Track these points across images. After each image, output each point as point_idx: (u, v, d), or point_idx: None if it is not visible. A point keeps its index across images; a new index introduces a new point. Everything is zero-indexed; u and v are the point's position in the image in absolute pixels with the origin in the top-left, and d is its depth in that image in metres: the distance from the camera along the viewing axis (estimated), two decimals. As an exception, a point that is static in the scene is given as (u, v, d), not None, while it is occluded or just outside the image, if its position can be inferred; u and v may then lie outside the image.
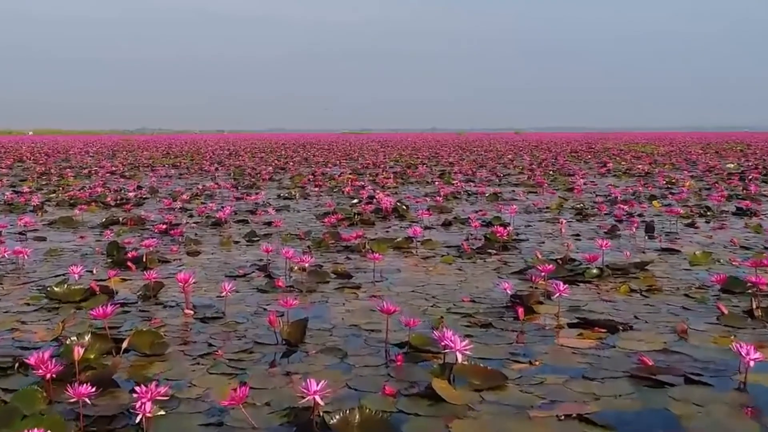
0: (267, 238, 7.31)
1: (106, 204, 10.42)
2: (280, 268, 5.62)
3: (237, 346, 3.66)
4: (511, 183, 14.62)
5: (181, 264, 5.96)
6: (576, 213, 9.20)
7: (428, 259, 6.18)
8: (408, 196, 11.38)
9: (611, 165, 19.91)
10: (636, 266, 5.56)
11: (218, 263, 5.98)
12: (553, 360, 3.43)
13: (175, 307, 4.49)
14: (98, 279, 5.12)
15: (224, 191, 12.74)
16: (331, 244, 6.84)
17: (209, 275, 5.49)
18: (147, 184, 14.04)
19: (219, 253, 6.52)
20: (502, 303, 4.50)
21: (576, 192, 12.08)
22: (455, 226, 8.26)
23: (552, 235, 7.56)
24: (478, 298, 4.67)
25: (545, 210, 9.74)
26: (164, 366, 3.38)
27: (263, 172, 17.53)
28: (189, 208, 9.93)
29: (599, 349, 3.60)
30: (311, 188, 13.24)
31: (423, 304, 4.57)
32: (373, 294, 4.85)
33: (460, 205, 10.51)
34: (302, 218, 9.10)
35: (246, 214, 9.29)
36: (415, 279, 5.33)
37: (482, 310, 4.36)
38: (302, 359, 3.47)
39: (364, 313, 4.34)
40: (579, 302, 4.52)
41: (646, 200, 10.79)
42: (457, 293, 4.84)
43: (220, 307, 4.40)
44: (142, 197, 11.80)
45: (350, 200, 11.00)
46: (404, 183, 14.70)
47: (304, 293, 4.85)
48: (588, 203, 10.43)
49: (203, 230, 7.96)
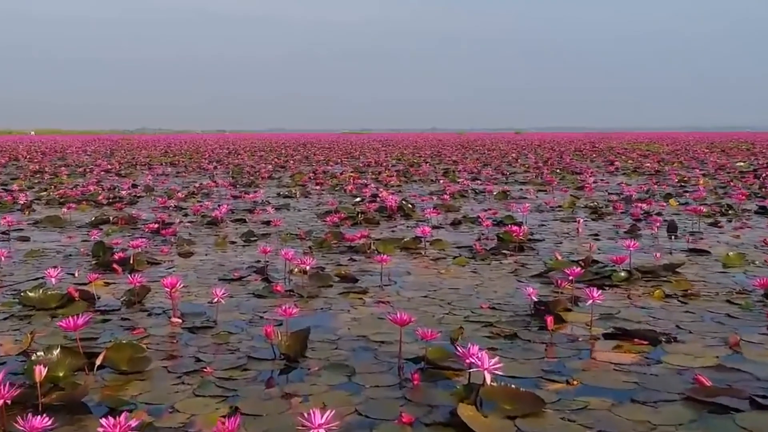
0: (265, 238, 6.86)
1: (98, 203, 9.97)
2: (278, 271, 5.17)
3: (229, 362, 3.21)
4: (518, 181, 14.16)
5: (171, 266, 5.51)
6: (591, 212, 8.75)
7: (439, 260, 5.73)
8: (413, 195, 10.92)
9: (618, 163, 19.46)
10: (665, 269, 5.11)
11: (212, 265, 5.53)
12: (593, 379, 2.97)
13: (161, 315, 4.04)
14: (79, 283, 4.67)
15: (222, 190, 12.28)
16: (334, 244, 6.39)
17: (201, 278, 5.03)
18: (142, 183, 13.59)
19: (213, 254, 6.07)
20: (525, 310, 4.05)
21: (587, 190, 11.63)
22: (465, 226, 7.81)
23: (569, 234, 7.11)
24: (498, 305, 4.22)
25: (558, 209, 9.29)
26: (143, 386, 2.92)
27: (262, 170, 17.06)
28: (184, 206, 9.48)
29: (644, 365, 3.15)
30: (312, 186, 12.78)
31: (437, 311, 4.11)
32: (381, 299, 4.40)
33: (467, 204, 10.06)
34: (303, 217, 8.65)
35: (243, 213, 8.84)
36: (427, 282, 4.88)
37: (504, 319, 3.90)
38: (303, 377, 3.01)
39: (372, 321, 3.89)
40: (611, 309, 4.07)
41: (662, 198, 10.34)
42: (474, 299, 4.39)
43: (211, 315, 3.95)
44: (137, 196, 11.35)
45: (353, 199, 10.55)
46: (408, 181, 14.24)
47: (305, 299, 4.39)
48: (601, 202, 9.98)
49: (198, 230, 7.51)
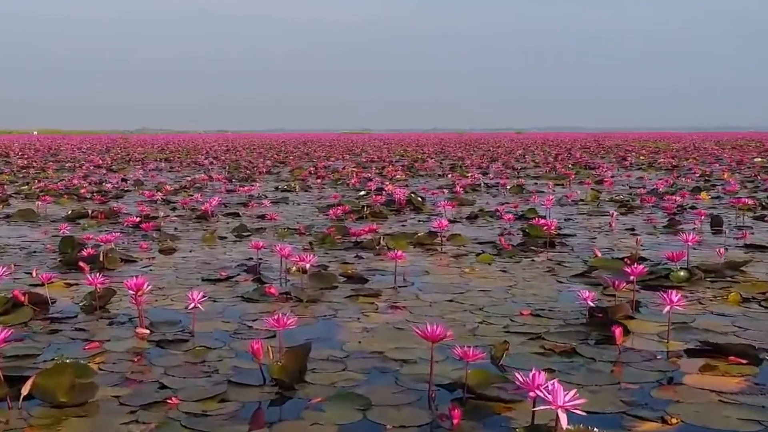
0: (260, 233, 6.07)
1: (81, 196, 9.17)
2: (273, 270, 4.39)
3: (202, 389, 2.42)
4: (530, 176, 13.37)
5: (149, 264, 4.72)
6: (619, 205, 7.95)
7: (460, 257, 4.95)
8: (423, 188, 10.12)
9: (631, 159, 18.67)
10: (729, 267, 4.34)
11: (196, 263, 4.74)
12: (695, 415, 2.19)
13: (126, 324, 3.26)
14: (35, 284, 3.88)
15: (216, 184, 11.48)
16: (338, 240, 5.61)
17: (181, 279, 4.25)
18: (132, 177, 12.81)
19: (199, 250, 5.28)
20: (576, 317, 3.27)
21: (607, 184, 10.84)
22: (482, 220, 7.02)
23: (601, 229, 6.33)
24: (542, 311, 3.44)
25: (580, 203, 8.51)
26: (81, 426, 2.14)
27: (260, 165, 16.28)
28: (173, 200, 8.69)
29: (756, 393, 2.36)
30: (313, 181, 11.98)
31: (468, 318, 3.33)
32: (396, 304, 3.62)
33: (481, 198, 9.27)
34: (302, 211, 7.87)
35: (237, 206, 8.05)
36: (450, 284, 4.09)
37: (554, 329, 3.12)
38: (301, 413, 2.23)
39: (388, 332, 3.11)
40: (683, 317, 3.28)
41: (690, 192, 9.54)
42: (510, 304, 3.60)
43: (187, 325, 3.17)
44: (125, 189, 10.59)
45: (357, 192, 9.77)
46: (413, 176, 13.45)
47: (304, 303, 3.61)
48: (626, 195, 9.21)
49: (185, 224, 6.73)
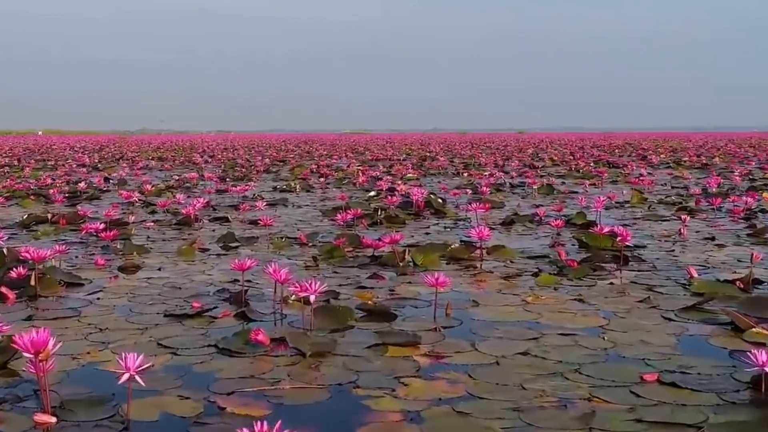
0: (251, 243, 4.88)
1: (50, 197, 7.94)
2: (265, 298, 3.22)
3: None
4: (552, 174, 12.17)
5: (97, 290, 3.53)
6: (678, 208, 6.76)
7: (512, 278, 3.76)
8: (442, 187, 8.93)
9: (654, 157, 17.45)
10: None
11: (162, 288, 3.55)
12: None
13: (31, 399, 2.08)
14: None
15: (208, 183, 10.28)
16: (349, 252, 4.44)
17: (135, 314, 3.06)
18: (117, 176, 11.62)
19: (171, 268, 4.09)
20: (735, 387, 2.09)
21: (645, 183, 9.63)
22: (521, 225, 5.83)
23: (670, 238, 5.15)
24: (670, 373, 2.25)
25: (626, 204, 7.33)
26: None
27: (258, 163, 15.09)
28: (155, 201, 7.49)
29: None
30: (315, 180, 10.78)
31: (562, 388, 2.14)
32: (442, 356, 2.44)
33: (509, 199, 8.09)
34: (304, 215, 6.69)
35: (227, 209, 6.88)
36: (513, 321, 2.90)
37: (715, 415, 1.93)
38: None
39: (445, 423, 1.92)
40: None
41: (743, 192, 8.36)
42: (615, 359, 2.42)
43: (122, 402, 1.99)
44: (104, 189, 9.42)
45: (365, 193, 8.59)
46: (425, 174, 12.27)
47: (307, 359, 2.43)
48: (674, 196, 8.03)
49: (163, 231, 5.55)
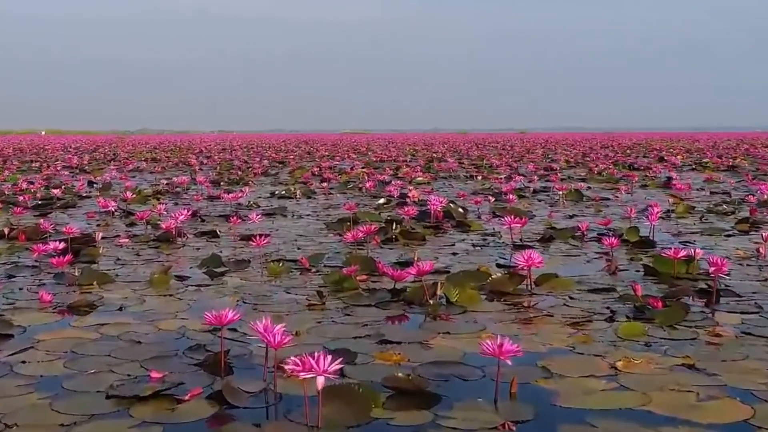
0: (240, 268, 3.97)
1: (19, 205, 6.99)
2: (254, 363, 2.32)
3: None
4: (572, 177, 11.26)
5: (30, 344, 2.62)
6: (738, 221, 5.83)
7: (580, 326, 2.85)
8: (461, 194, 8.02)
9: (673, 159, 16.53)
10: None
11: (114, 344, 2.63)
12: None
13: None
14: None
15: (200, 188, 9.36)
16: (362, 281, 3.54)
17: (67, 393, 2.15)
18: (102, 180, 10.73)
19: (136, 307, 3.17)
20: None
21: (678, 188, 8.72)
22: (561, 242, 4.91)
23: (747, 258, 4.25)
24: None
25: (672, 215, 6.43)
26: None
27: (255, 165, 14.18)
28: (135, 211, 6.58)
29: None
30: (317, 185, 9.86)
31: None
32: None
33: (535, 207, 7.18)
34: (305, 228, 5.77)
35: (217, 221, 5.98)
36: (613, 411, 2.00)
37: None
38: None
39: None
40: None
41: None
42: None
43: None
44: (83, 195, 8.52)
45: (373, 200, 7.69)
46: (436, 178, 11.37)
47: None
48: (723, 204, 7.13)
49: (137, 251, 4.64)
